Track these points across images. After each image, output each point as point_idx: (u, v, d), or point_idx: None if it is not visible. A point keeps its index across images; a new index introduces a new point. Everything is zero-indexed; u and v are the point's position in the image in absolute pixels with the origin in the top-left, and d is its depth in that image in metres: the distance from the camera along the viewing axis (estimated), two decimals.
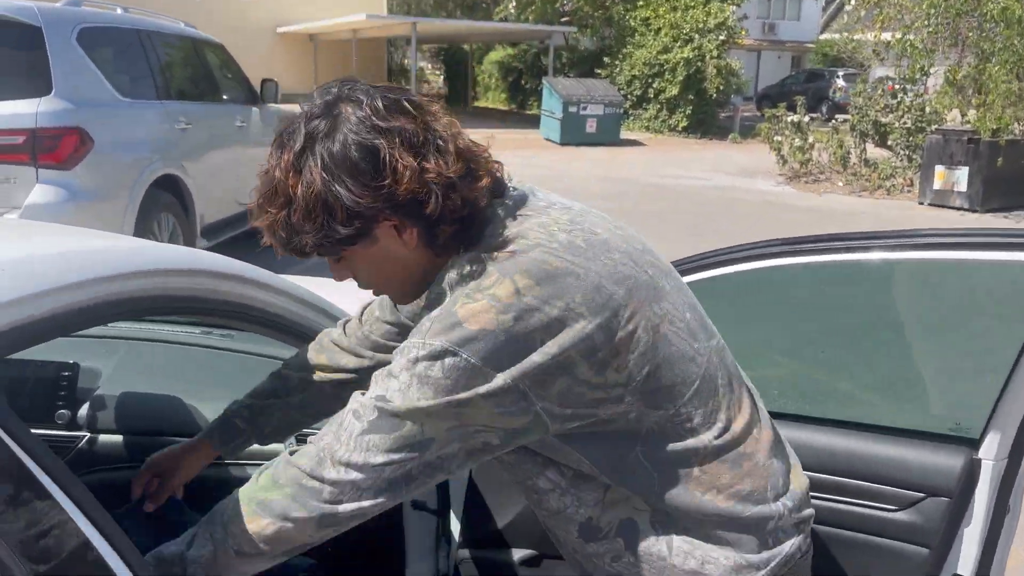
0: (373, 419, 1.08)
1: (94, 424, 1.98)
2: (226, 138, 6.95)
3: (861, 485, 1.59)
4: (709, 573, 1.20)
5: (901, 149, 12.90)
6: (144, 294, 1.28)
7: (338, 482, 1.09)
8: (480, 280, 1.10)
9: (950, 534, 1.54)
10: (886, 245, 1.54)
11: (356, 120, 1.08)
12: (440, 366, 1.05)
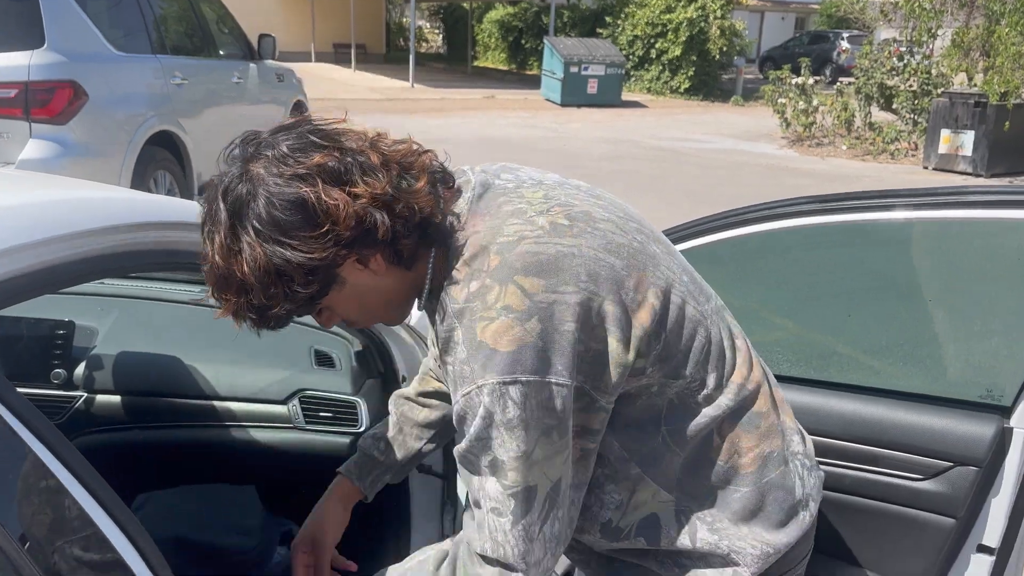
0: (506, 505, 1.06)
1: (91, 384, 1.92)
2: (223, 95, 6.82)
3: (887, 453, 1.54)
4: (733, 561, 1.18)
5: (906, 113, 12.74)
6: (144, 248, 1.22)
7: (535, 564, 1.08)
8: (484, 297, 1.05)
9: (977, 504, 1.50)
10: (907, 204, 1.47)
11: (270, 176, 1.02)
12: (512, 406, 1.03)
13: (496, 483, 1.06)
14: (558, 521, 1.09)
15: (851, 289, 1.67)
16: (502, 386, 1.02)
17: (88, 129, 4.90)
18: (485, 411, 1.03)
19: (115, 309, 2.14)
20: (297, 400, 1.93)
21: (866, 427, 1.56)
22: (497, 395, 1.02)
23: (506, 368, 1.02)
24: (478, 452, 1.06)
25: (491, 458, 1.05)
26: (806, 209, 1.46)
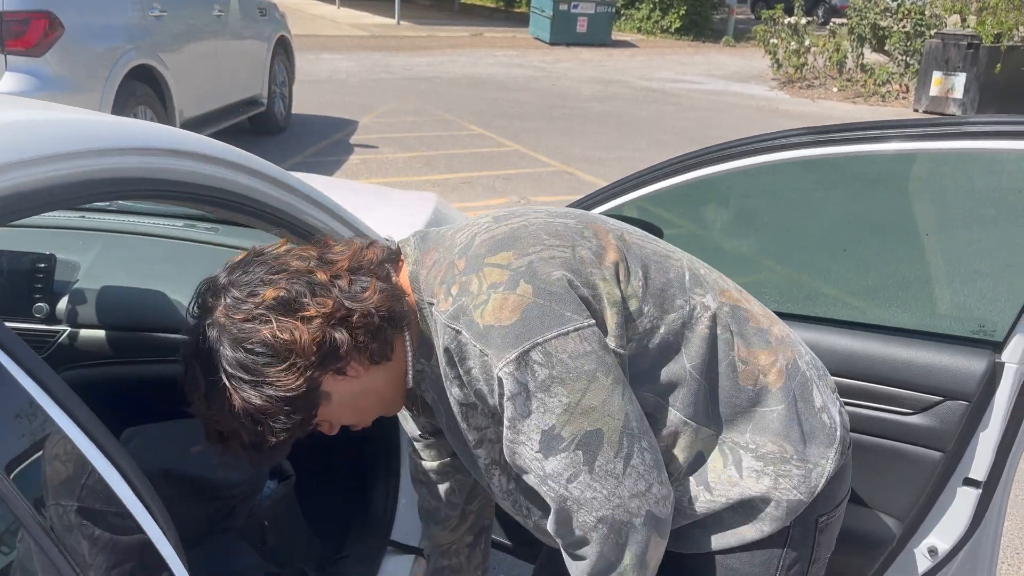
0: (575, 460, 1.05)
1: (74, 318, 1.89)
2: (203, 28, 6.63)
3: (878, 388, 1.54)
4: (783, 488, 1.18)
5: (899, 54, 12.60)
6: (123, 174, 1.17)
7: (635, 512, 1.07)
8: (467, 291, 1.07)
9: (965, 438, 1.51)
10: (900, 135, 1.42)
11: (230, 324, 1.05)
12: (539, 368, 1.03)
13: (557, 458, 1.05)
14: (647, 452, 1.08)
15: (842, 225, 1.65)
16: (522, 356, 1.02)
17: (65, 62, 4.77)
18: (518, 386, 1.03)
19: (97, 243, 2.10)
20: None
21: (858, 363, 1.56)
22: (523, 366, 1.02)
23: (518, 337, 1.02)
24: (524, 437, 1.06)
25: (539, 434, 1.05)
26: (797, 141, 1.43)
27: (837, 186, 1.59)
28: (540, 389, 1.03)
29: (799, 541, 1.22)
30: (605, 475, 1.05)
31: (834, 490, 1.25)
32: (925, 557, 1.61)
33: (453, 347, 1.09)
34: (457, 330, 1.07)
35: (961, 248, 1.56)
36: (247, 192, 1.37)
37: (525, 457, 1.08)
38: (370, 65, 13.55)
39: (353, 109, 9.74)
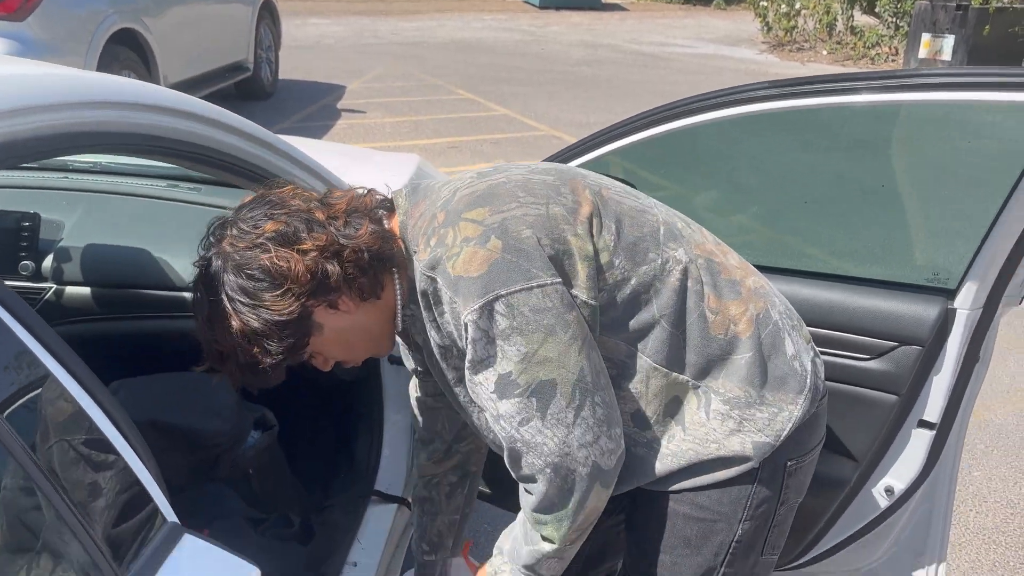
0: (527, 406, 1.13)
1: (60, 276, 1.93)
2: None
3: (837, 335, 1.60)
4: (747, 430, 1.24)
5: (889, 16, 12.56)
6: (101, 128, 1.20)
7: (582, 461, 1.14)
8: (443, 243, 1.15)
9: (920, 381, 1.57)
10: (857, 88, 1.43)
11: (234, 251, 1.14)
12: (501, 318, 1.10)
13: (510, 401, 1.13)
14: (599, 406, 1.14)
15: (803, 179, 1.69)
16: (486, 306, 1.10)
17: (47, 26, 4.74)
18: (479, 332, 1.11)
19: (81, 204, 2.14)
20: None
21: (819, 311, 1.62)
22: (486, 315, 1.10)
23: (484, 288, 1.10)
24: (481, 378, 1.14)
25: (495, 377, 1.13)
26: (763, 95, 1.47)
27: (797, 140, 1.64)
28: (500, 337, 1.11)
29: (767, 482, 1.28)
30: (556, 423, 1.12)
31: (804, 436, 1.30)
32: (882, 496, 1.67)
33: (429, 292, 1.17)
34: (432, 278, 1.15)
35: (918, 200, 1.61)
36: (229, 150, 1.40)
37: (482, 397, 1.16)
38: (358, 29, 13.43)
39: (341, 74, 9.69)
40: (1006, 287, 1.49)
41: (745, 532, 1.30)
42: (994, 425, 3.33)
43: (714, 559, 1.31)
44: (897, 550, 1.77)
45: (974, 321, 1.52)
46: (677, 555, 1.32)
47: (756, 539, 1.32)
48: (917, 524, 1.74)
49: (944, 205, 1.58)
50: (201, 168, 1.45)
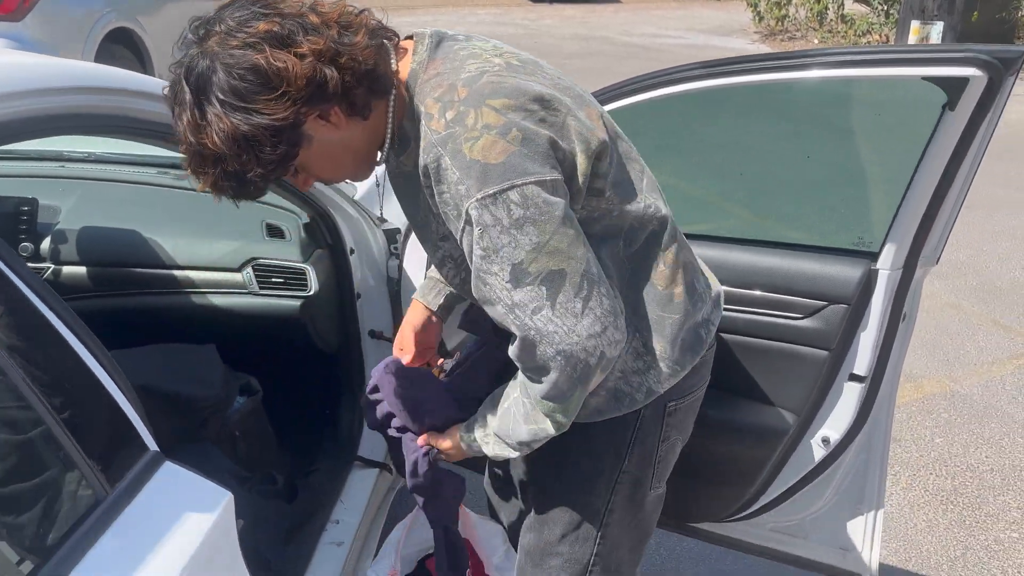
0: (538, 295, 1.15)
1: (57, 256, 2.07)
2: None
3: (772, 297, 1.73)
4: (650, 378, 1.36)
5: (879, 4, 12.64)
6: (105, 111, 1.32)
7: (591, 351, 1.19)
8: (463, 122, 1.14)
9: (848, 337, 1.70)
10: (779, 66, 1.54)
11: (224, 50, 1.09)
12: (515, 207, 1.12)
13: (523, 290, 1.15)
14: (604, 297, 1.18)
15: (740, 152, 1.82)
16: (501, 193, 1.11)
17: (44, 26, 4.86)
18: (492, 219, 1.12)
19: (76, 191, 2.27)
20: (251, 268, 2.09)
21: (755, 275, 1.75)
22: (501, 202, 1.11)
23: (501, 176, 1.12)
24: (496, 268, 1.15)
25: (510, 267, 1.14)
26: (696, 74, 1.60)
27: (734, 115, 1.76)
28: (513, 226, 1.12)
29: (650, 420, 1.40)
30: (565, 312, 1.15)
31: (686, 382, 1.41)
32: (819, 446, 1.81)
33: (432, 167, 1.16)
34: (441, 154, 1.14)
35: (842, 170, 1.74)
36: None
37: (495, 288, 1.17)
38: None
39: None
40: (922, 249, 1.61)
41: (631, 466, 1.42)
42: (959, 395, 3.46)
43: (605, 491, 1.43)
44: (838, 498, 1.90)
45: (895, 281, 1.65)
46: (571, 488, 1.44)
47: (642, 473, 1.44)
48: (855, 474, 1.87)
49: (866, 175, 1.71)
50: None
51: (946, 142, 1.46)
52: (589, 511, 1.46)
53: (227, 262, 2.10)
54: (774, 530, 1.99)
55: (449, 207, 1.17)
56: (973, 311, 4.18)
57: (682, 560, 2.48)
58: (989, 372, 3.66)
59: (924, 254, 1.63)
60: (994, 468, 3.00)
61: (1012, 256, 4.85)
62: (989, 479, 2.94)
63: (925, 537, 2.65)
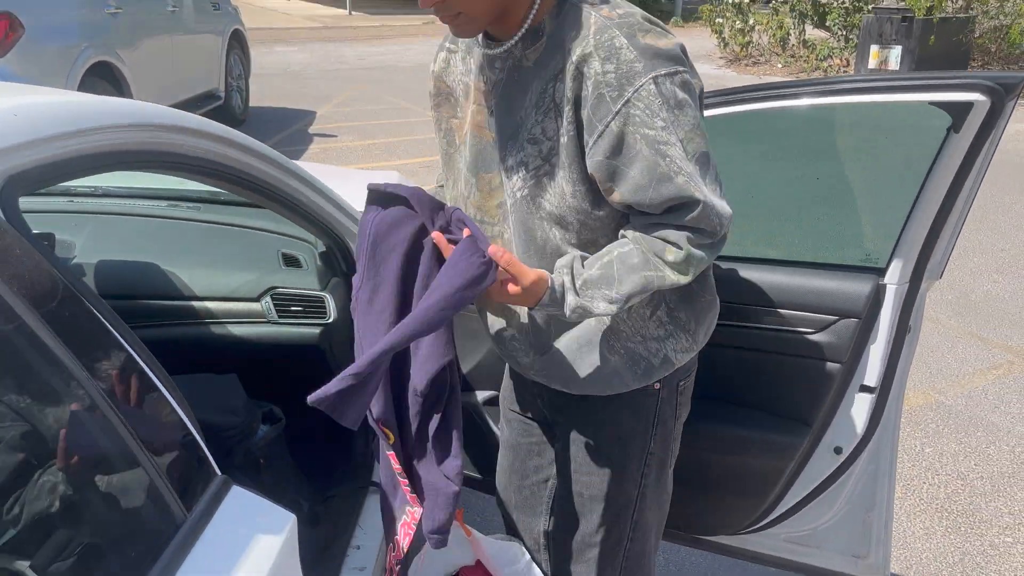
0: (699, 170, 1.23)
1: None
2: (158, 24, 6.73)
3: (786, 312, 1.80)
4: (670, 347, 1.43)
5: (839, 29, 13.00)
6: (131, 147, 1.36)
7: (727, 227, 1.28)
8: (633, 17, 1.24)
9: (859, 350, 1.77)
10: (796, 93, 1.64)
11: None
12: (680, 90, 1.22)
13: (685, 154, 1.22)
14: (719, 185, 1.28)
15: (751, 179, 1.90)
16: (673, 75, 1.21)
17: (27, 61, 4.86)
18: (663, 99, 1.20)
19: (87, 225, 2.29)
20: (269, 297, 2.12)
21: (769, 292, 1.82)
22: (668, 82, 1.20)
23: (673, 61, 1.22)
24: (673, 139, 1.21)
25: (678, 141, 1.21)
26: (712, 103, 1.68)
27: (743, 145, 1.85)
28: (677, 106, 1.21)
29: (666, 401, 1.48)
30: (712, 191, 1.25)
31: (691, 362, 1.51)
32: (832, 456, 1.88)
33: (604, 44, 1.21)
34: (616, 34, 1.21)
35: (849, 192, 1.82)
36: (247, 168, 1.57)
37: (675, 158, 1.21)
38: (324, 56, 13.61)
39: (310, 100, 9.85)
40: (927, 264, 1.70)
41: (656, 447, 1.50)
42: (944, 406, 3.56)
43: (637, 475, 1.50)
44: (849, 507, 1.97)
45: (902, 295, 1.73)
46: (604, 478, 1.50)
47: (665, 452, 1.52)
48: (866, 482, 1.94)
49: (872, 195, 1.79)
50: (222, 184, 1.62)
51: (950, 162, 1.55)
52: (624, 498, 1.52)
53: (245, 292, 2.13)
54: (788, 540, 2.05)
55: (609, 87, 1.21)
56: (951, 324, 4.31)
57: (691, 574, 2.53)
58: (971, 383, 3.77)
59: (929, 268, 1.71)
60: (983, 475, 3.10)
61: (982, 270, 5.02)
62: (979, 486, 3.03)
63: (924, 544, 2.72)
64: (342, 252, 2.12)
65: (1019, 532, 2.78)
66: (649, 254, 1.27)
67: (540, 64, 1.28)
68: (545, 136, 1.29)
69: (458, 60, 1.43)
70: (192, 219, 2.31)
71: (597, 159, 1.24)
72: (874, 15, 11.21)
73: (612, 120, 1.21)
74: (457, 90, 1.43)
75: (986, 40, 12.28)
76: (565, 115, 1.26)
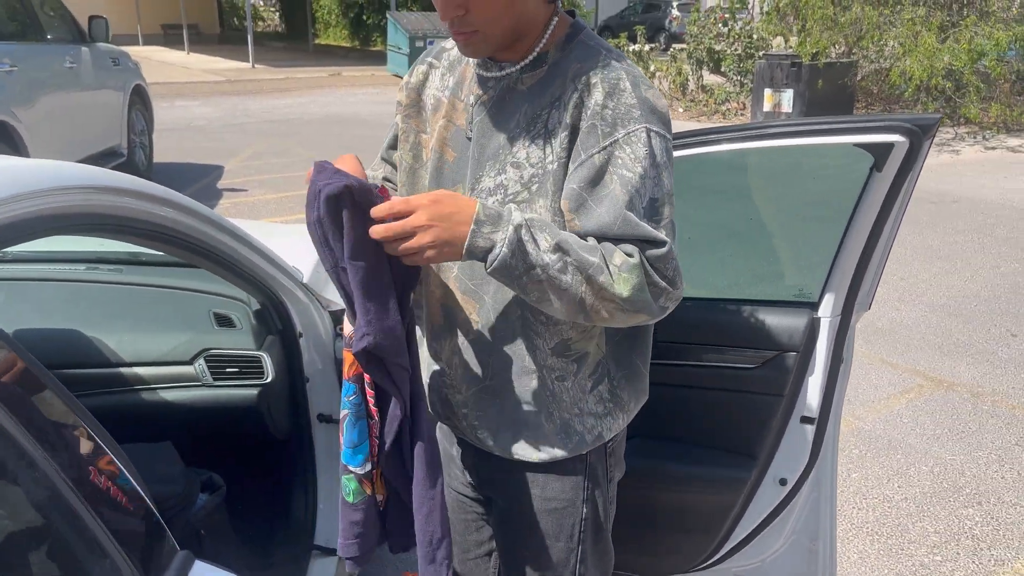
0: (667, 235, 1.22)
1: None
2: (56, 81, 6.51)
3: (727, 349, 1.85)
4: (605, 424, 1.42)
5: (733, 75, 13.64)
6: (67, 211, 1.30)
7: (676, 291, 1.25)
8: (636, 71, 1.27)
9: (798, 382, 1.83)
10: (729, 138, 1.71)
11: None
12: (664, 153, 1.24)
13: (656, 211, 1.22)
14: None
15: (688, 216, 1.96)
16: (660, 135, 1.23)
17: None
18: (650, 151, 1.21)
19: (2, 289, 2.17)
20: (203, 359, 2.04)
21: (711, 330, 1.87)
22: (658, 140, 1.23)
23: (665, 124, 1.25)
24: (643, 193, 1.21)
25: (648, 198, 1.21)
26: None
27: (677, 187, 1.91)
28: (660, 167, 1.22)
29: (595, 466, 1.46)
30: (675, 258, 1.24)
31: None
32: (778, 487, 1.92)
33: (610, 81, 1.24)
34: (623, 76, 1.24)
35: (779, 233, 1.90)
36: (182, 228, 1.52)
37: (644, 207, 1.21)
38: (229, 109, 13.40)
39: (216, 154, 9.66)
40: (857, 296, 1.78)
41: (589, 512, 1.48)
42: (864, 432, 3.70)
43: (570, 542, 1.48)
44: (795, 536, 2.01)
45: (835, 327, 1.80)
46: (539, 551, 1.48)
47: (599, 516, 1.51)
48: (810, 511, 1.99)
49: (802, 234, 1.87)
50: (152, 244, 1.57)
51: (874, 199, 1.63)
52: (564, 568, 1.51)
53: (177, 355, 2.05)
54: (738, 574, 2.08)
55: (604, 122, 1.22)
56: (862, 352, 4.50)
57: None
58: (887, 407, 3.94)
59: (859, 301, 1.79)
60: (907, 497, 3.22)
61: (886, 299, 5.28)
62: (905, 508, 3.15)
63: (859, 568, 2.80)
64: (277, 309, 2.07)
65: (947, 550, 2.90)
66: (600, 250, 1.22)
67: (536, 90, 1.29)
68: (529, 162, 1.28)
69: (437, 76, 1.43)
70: (114, 282, 2.22)
71: (571, 186, 1.25)
72: (765, 61, 11.81)
73: (597, 153, 1.22)
74: (428, 104, 1.42)
75: (868, 83, 13.09)
76: (558, 142, 1.26)
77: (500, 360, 1.38)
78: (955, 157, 10.06)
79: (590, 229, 1.23)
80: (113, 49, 7.78)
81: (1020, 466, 3.42)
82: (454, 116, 1.37)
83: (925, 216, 7.23)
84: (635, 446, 1.96)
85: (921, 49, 10.82)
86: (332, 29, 28.91)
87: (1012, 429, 3.72)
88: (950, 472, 3.38)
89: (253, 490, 2.26)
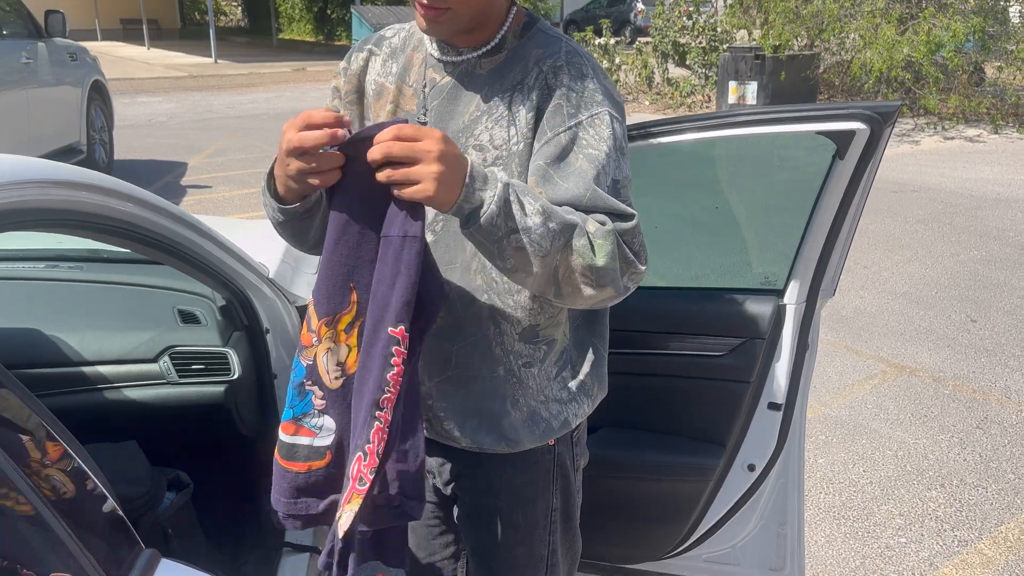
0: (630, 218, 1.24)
1: None
2: (12, 77, 6.38)
3: (695, 338, 1.86)
4: (571, 410, 1.43)
5: (698, 68, 13.73)
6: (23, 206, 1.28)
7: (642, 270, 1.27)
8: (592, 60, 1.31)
9: (765, 369, 1.85)
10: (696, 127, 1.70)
11: None
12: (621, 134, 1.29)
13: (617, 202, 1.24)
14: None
15: (650, 206, 1.97)
16: (620, 122, 1.29)
17: None
18: (612, 133, 1.26)
19: None
20: (167, 356, 2.01)
21: (678, 319, 1.88)
22: (618, 124, 1.27)
23: (620, 112, 1.30)
24: (608, 171, 1.24)
25: (612, 178, 1.25)
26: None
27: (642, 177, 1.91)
28: (620, 150, 1.27)
29: (563, 456, 1.47)
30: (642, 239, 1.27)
31: None
32: (746, 474, 1.94)
33: (573, 66, 1.28)
34: (586, 63, 1.29)
35: (744, 221, 1.92)
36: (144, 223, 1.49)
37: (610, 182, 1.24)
38: (191, 105, 13.22)
39: (179, 151, 9.52)
40: (821, 282, 1.80)
41: (559, 503, 1.49)
42: (831, 418, 3.76)
43: (545, 536, 1.49)
44: (764, 522, 2.04)
45: (800, 314, 1.83)
46: (513, 545, 1.48)
47: (568, 505, 1.52)
48: (777, 497, 2.01)
49: (767, 222, 1.89)
50: (116, 241, 1.53)
51: (837, 186, 1.65)
52: (535, 559, 1.51)
53: (141, 353, 2.01)
54: (708, 560, 2.10)
55: (569, 103, 1.26)
56: (827, 339, 4.57)
57: None
58: (852, 393, 4.00)
59: (823, 288, 1.81)
60: (872, 481, 3.28)
61: (849, 287, 5.35)
62: (870, 491, 3.20)
63: (826, 552, 2.84)
64: (243, 305, 2.04)
65: (911, 532, 2.95)
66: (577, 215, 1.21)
67: (495, 74, 1.31)
68: (492, 144, 1.29)
69: (378, 63, 1.41)
70: (75, 280, 2.17)
71: (538, 162, 1.26)
72: (729, 54, 11.91)
73: (563, 132, 1.25)
74: (370, 91, 1.41)
75: (830, 75, 13.25)
76: (523, 123, 1.28)
77: (465, 347, 1.37)
78: (915, 147, 10.23)
79: (561, 201, 1.23)
80: (71, 44, 7.63)
81: (981, 448, 3.49)
82: (402, 101, 1.37)
83: (886, 205, 7.35)
84: (604, 436, 1.98)
85: (881, 41, 10.97)
86: (296, 24, 28.61)
87: (973, 412, 3.79)
88: (913, 456, 3.44)
89: (221, 488, 2.23)
